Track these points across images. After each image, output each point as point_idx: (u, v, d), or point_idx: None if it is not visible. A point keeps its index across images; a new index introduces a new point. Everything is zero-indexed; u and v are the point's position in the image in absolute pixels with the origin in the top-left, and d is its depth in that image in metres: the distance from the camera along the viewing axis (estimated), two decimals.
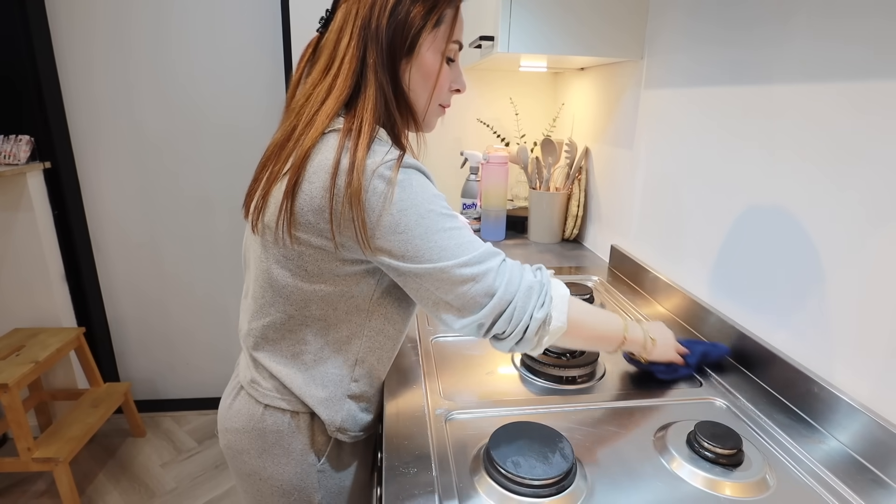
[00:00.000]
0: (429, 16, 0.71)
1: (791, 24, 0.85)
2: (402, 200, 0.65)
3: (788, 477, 0.69)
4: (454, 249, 0.67)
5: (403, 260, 0.66)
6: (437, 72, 0.75)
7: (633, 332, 0.81)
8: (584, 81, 1.76)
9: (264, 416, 0.80)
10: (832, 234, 0.78)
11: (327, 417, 0.79)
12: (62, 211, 2.10)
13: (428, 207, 0.67)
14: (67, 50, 2.00)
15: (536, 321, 0.68)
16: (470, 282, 0.67)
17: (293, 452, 0.80)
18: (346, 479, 0.86)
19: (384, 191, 0.65)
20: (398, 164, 0.66)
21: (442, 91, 0.79)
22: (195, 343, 2.44)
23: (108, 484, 2.02)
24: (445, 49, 0.75)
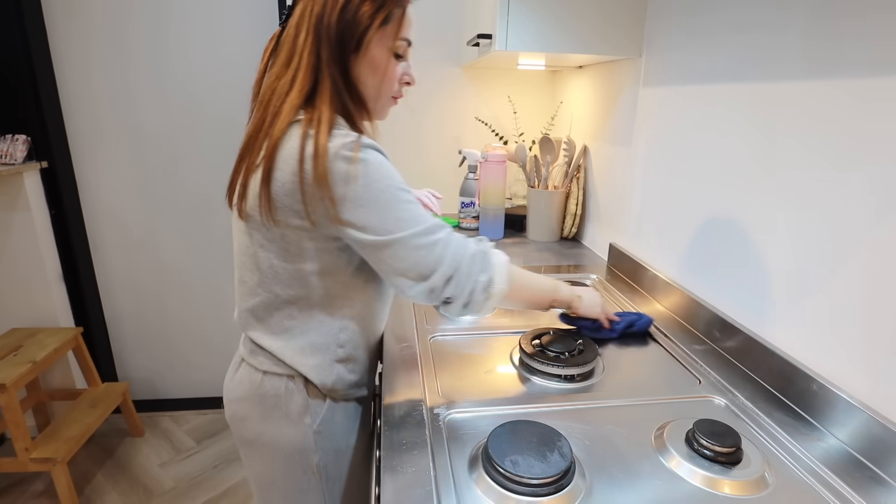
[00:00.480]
0: (376, 14, 0.77)
1: (790, 21, 0.84)
2: (364, 177, 0.73)
3: (787, 475, 0.69)
4: (409, 221, 0.75)
5: (365, 231, 0.74)
6: (384, 67, 0.82)
7: (562, 290, 0.95)
8: (582, 79, 1.75)
9: (263, 381, 0.87)
10: (831, 232, 0.78)
11: (318, 381, 0.87)
12: (59, 210, 2.10)
13: (386, 182, 0.75)
14: (64, 48, 1.99)
15: (481, 283, 0.77)
16: (423, 250, 0.75)
17: (291, 414, 0.87)
18: (342, 442, 0.92)
19: (346, 170, 0.72)
20: (357, 145, 0.73)
21: (390, 84, 0.85)
22: (194, 342, 2.44)
23: (107, 484, 2.01)
24: (393, 46, 0.81)
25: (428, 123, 2.03)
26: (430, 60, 1.96)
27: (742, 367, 0.94)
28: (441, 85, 1.99)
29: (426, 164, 2.07)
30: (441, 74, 1.98)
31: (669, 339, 1.05)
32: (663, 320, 1.14)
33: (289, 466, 0.89)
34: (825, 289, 0.79)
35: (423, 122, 2.03)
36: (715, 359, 0.98)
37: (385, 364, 0.95)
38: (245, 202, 0.78)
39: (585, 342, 0.97)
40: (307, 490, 0.91)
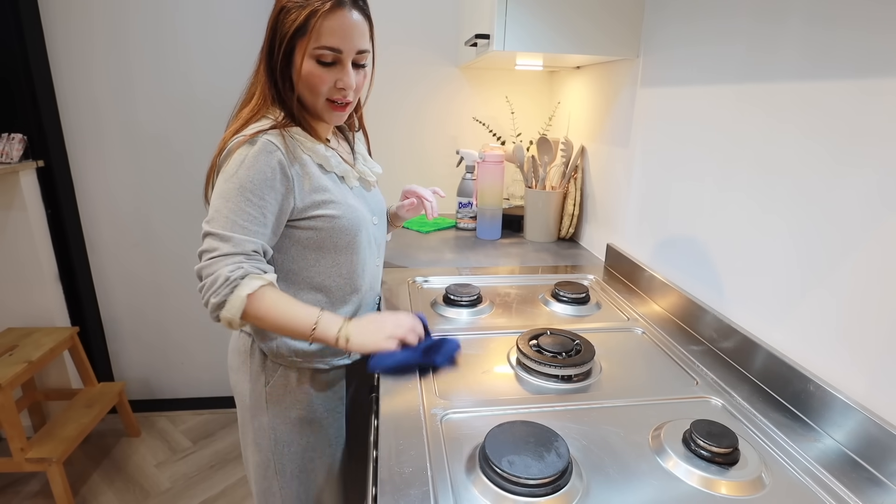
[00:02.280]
0: (292, 25, 0.85)
1: (787, 21, 0.84)
2: (228, 168, 0.86)
3: (784, 475, 0.69)
4: (221, 221, 0.84)
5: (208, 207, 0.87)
6: (306, 74, 0.89)
7: (324, 327, 0.87)
8: (580, 80, 1.75)
9: (239, 338, 1.04)
10: (828, 233, 0.78)
11: (263, 345, 0.99)
12: (56, 210, 2.09)
13: (235, 177, 0.85)
14: (61, 47, 1.98)
15: (212, 304, 0.83)
16: (204, 245, 0.85)
17: (252, 372, 1.01)
18: (293, 410, 1.02)
19: (224, 158, 0.87)
20: (245, 138, 0.86)
21: (316, 90, 0.91)
22: (190, 342, 2.43)
23: (103, 484, 2.01)
24: (309, 51, 0.87)
25: (425, 123, 2.03)
26: (427, 60, 1.96)
27: (739, 367, 0.95)
28: (439, 85, 1.99)
29: (424, 164, 2.07)
30: (438, 75, 1.98)
31: (667, 340, 1.05)
32: (660, 321, 1.14)
33: (249, 417, 1.03)
34: (822, 290, 0.80)
35: (421, 122, 2.02)
36: (712, 359, 0.98)
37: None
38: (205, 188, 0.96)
39: (583, 342, 0.97)
40: (260, 445, 1.03)
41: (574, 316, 1.18)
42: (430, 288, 1.31)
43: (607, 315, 1.19)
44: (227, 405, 2.50)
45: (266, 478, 1.04)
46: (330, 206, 0.94)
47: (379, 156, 2.02)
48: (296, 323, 0.87)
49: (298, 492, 1.06)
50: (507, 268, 1.48)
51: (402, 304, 1.20)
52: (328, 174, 0.96)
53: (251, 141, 0.86)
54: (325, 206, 0.93)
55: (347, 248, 0.98)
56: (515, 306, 1.22)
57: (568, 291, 1.22)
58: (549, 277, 1.41)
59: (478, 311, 1.17)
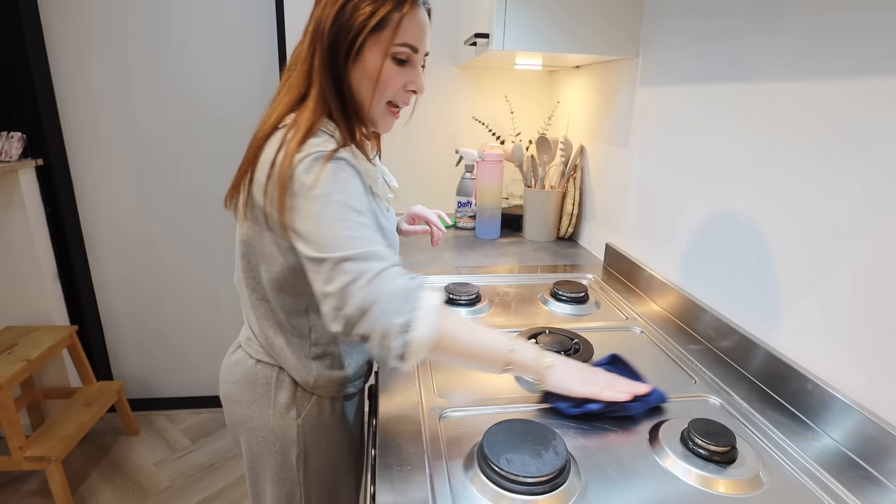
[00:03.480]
0: (370, 19, 0.76)
1: (786, 20, 0.85)
2: (317, 188, 0.71)
3: (782, 474, 0.69)
4: (346, 241, 0.69)
5: (304, 242, 0.71)
6: (378, 73, 0.79)
7: (521, 353, 0.75)
8: (579, 79, 1.75)
9: (256, 369, 0.90)
10: (827, 232, 0.78)
11: (300, 379, 0.89)
12: (55, 208, 2.09)
13: (336, 197, 0.71)
14: (60, 45, 1.98)
15: (396, 326, 0.66)
16: (348, 275, 0.67)
17: (278, 405, 0.89)
18: (324, 438, 0.93)
19: (303, 179, 0.71)
20: (326, 155, 0.73)
21: (386, 91, 0.82)
22: (189, 341, 2.43)
23: (102, 483, 2.00)
24: (388, 50, 0.78)
25: (425, 123, 2.03)
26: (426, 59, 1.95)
27: (737, 366, 0.95)
28: (438, 84, 1.99)
29: (423, 163, 2.07)
30: (438, 74, 1.98)
31: (665, 339, 1.06)
32: (659, 320, 1.14)
33: (270, 453, 0.92)
34: (820, 289, 0.80)
35: (420, 121, 2.02)
36: (710, 358, 0.98)
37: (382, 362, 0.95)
38: (236, 199, 0.81)
39: (582, 341, 0.97)
40: (284, 479, 0.93)
41: (573, 315, 1.18)
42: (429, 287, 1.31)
43: (606, 314, 1.19)
44: None
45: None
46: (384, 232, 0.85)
47: None
48: (487, 342, 0.75)
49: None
50: (506, 267, 1.48)
51: None
52: (374, 197, 0.86)
53: (333, 157, 0.74)
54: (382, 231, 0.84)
55: None
56: (514, 305, 1.22)
57: (567, 291, 1.22)
58: (547, 277, 1.41)
59: (477, 311, 1.17)
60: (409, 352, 0.67)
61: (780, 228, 0.87)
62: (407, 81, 0.84)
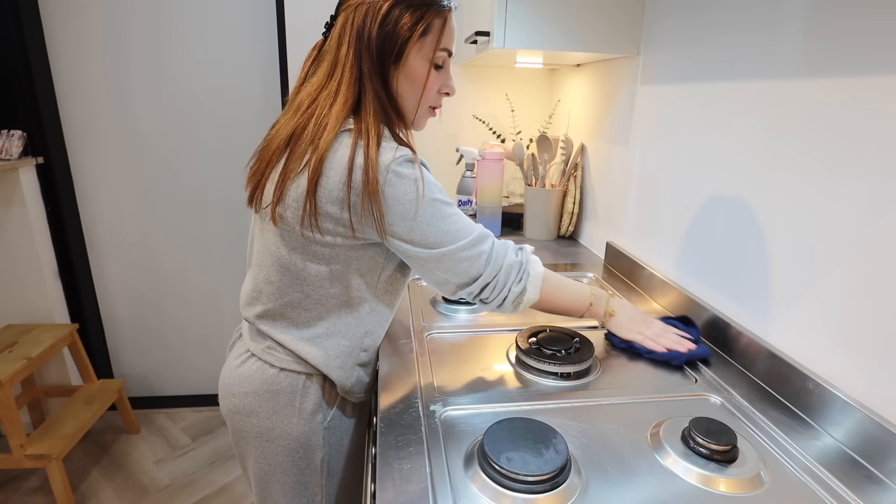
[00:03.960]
0: (416, 26, 0.79)
1: (788, 19, 0.84)
2: (413, 192, 0.76)
3: (783, 473, 0.69)
4: (455, 234, 0.79)
5: (414, 244, 0.78)
6: (424, 77, 0.83)
7: (597, 303, 0.96)
8: (580, 78, 1.75)
9: (279, 377, 0.88)
10: (828, 230, 0.78)
11: (340, 382, 0.90)
12: (55, 207, 2.09)
13: (433, 197, 0.78)
14: (60, 43, 1.98)
15: (514, 293, 0.83)
16: (466, 262, 0.80)
17: (304, 411, 0.89)
18: (345, 438, 0.96)
19: (398, 184, 0.76)
20: (407, 160, 0.77)
21: (430, 94, 0.86)
22: (189, 339, 2.43)
23: (102, 481, 2.01)
24: (433, 57, 0.82)
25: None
26: None
27: (738, 365, 0.95)
28: None
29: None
30: None
31: None
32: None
33: (292, 461, 0.91)
34: (821, 288, 0.80)
35: None
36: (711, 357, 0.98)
37: (381, 361, 0.95)
38: (282, 207, 0.79)
39: (582, 340, 0.97)
40: (307, 484, 0.93)
41: None
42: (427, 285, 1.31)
43: None
44: None
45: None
46: None
47: None
48: (575, 295, 0.94)
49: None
50: None
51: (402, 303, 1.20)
52: None
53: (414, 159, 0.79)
54: None
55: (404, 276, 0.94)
56: None
57: None
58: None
59: (477, 309, 1.17)
60: (520, 309, 0.86)
61: (782, 227, 0.87)
62: (442, 84, 0.88)
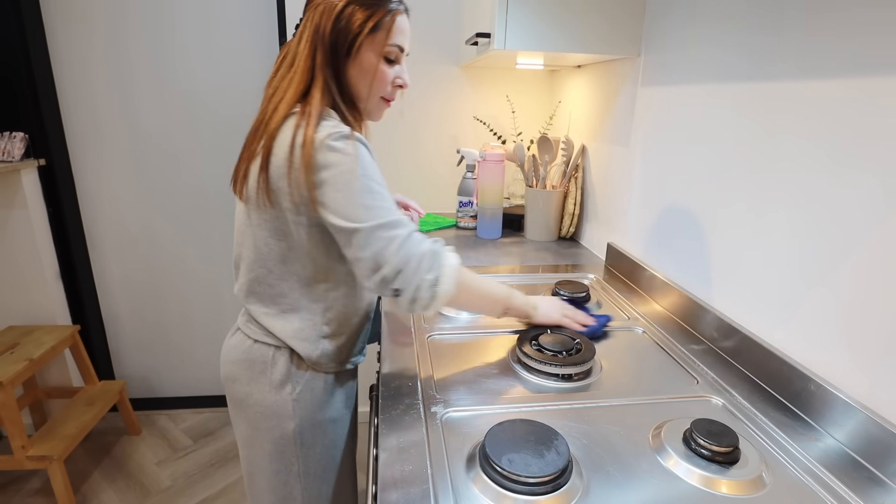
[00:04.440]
0: (366, 22, 0.86)
1: (789, 17, 0.84)
2: (342, 164, 0.81)
3: (785, 475, 0.69)
4: (375, 212, 0.81)
5: (337, 215, 0.81)
6: (374, 70, 0.90)
7: (515, 299, 0.98)
8: (580, 79, 1.75)
9: (253, 348, 0.96)
10: (830, 232, 0.78)
11: (304, 354, 0.95)
12: (57, 208, 2.09)
13: (362, 172, 0.82)
14: (63, 45, 1.98)
15: (427, 281, 0.82)
16: (381, 241, 0.81)
17: (274, 382, 0.96)
18: (319, 413, 0.99)
19: (329, 156, 0.80)
20: (342, 135, 0.81)
21: (380, 86, 0.93)
22: (191, 341, 2.43)
23: (104, 482, 2.01)
24: (383, 51, 0.90)
25: (426, 123, 2.03)
26: (428, 59, 1.96)
27: (740, 366, 0.94)
28: (439, 84, 1.99)
29: (424, 163, 2.07)
30: (439, 74, 1.98)
31: (667, 339, 1.05)
32: (661, 320, 1.14)
33: (268, 428, 0.98)
34: (823, 289, 0.79)
35: (422, 121, 2.02)
36: (712, 358, 0.98)
37: (382, 362, 0.95)
38: (246, 186, 0.88)
39: (583, 342, 0.97)
40: (283, 452, 0.99)
41: None
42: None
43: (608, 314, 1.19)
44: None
45: (287, 484, 1.01)
46: None
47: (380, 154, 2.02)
48: (492, 291, 0.95)
49: (321, 490, 1.04)
50: (508, 267, 1.48)
51: None
52: None
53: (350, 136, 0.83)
54: None
55: None
56: None
57: (568, 290, 1.22)
58: (549, 276, 1.41)
59: None
60: (435, 303, 0.84)
61: (784, 228, 0.87)
62: (395, 77, 0.95)
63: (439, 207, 2.11)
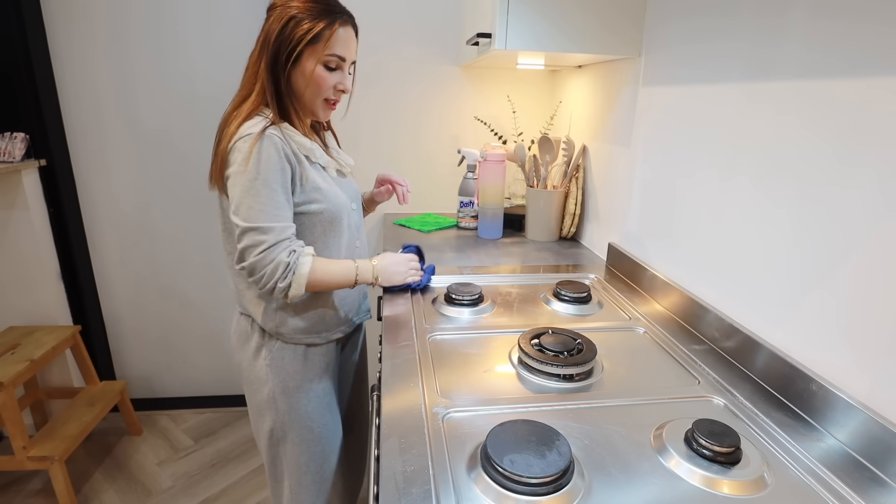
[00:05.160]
0: (306, 35, 0.99)
1: (791, 16, 0.84)
2: (243, 164, 0.95)
3: (786, 475, 0.69)
4: (254, 213, 0.95)
5: (231, 208, 0.97)
6: (311, 76, 1.03)
7: (361, 272, 1.09)
8: (581, 79, 1.75)
9: (239, 321, 1.17)
10: (831, 232, 0.78)
11: (262, 323, 1.11)
12: (58, 208, 2.09)
13: (255, 174, 0.95)
14: (63, 46, 1.99)
15: (280, 288, 0.98)
16: (246, 240, 0.96)
17: (251, 349, 1.14)
18: (290, 381, 1.13)
19: (234, 155, 0.97)
20: (255, 136, 0.96)
21: (319, 90, 1.05)
22: (192, 341, 2.44)
23: (105, 482, 2.01)
24: (321, 59, 1.02)
25: (427, 123, 2.03)
26: (428, 60, 1.96)
27: (741, 367, 0.94)
28: (440, 84, 1.99)
29: (425, 163, 2.07)
30: (440, 74, 1.98)
31: (668, 339, 1.05)
32: (662, 320, 1.14)
33: (251, 393, 1.15)
34: (825, 289, 0.79)
35: (422, 121, 2.02)
36: (714, 359, 0.98)
37: (384, 363, 0.95)
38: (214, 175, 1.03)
39: (585, 341, 0.97)
40: (262, 416, 1.15)
41: (576, 315, 1.18)
42: (431, 287, 1.31)
43: (609, 314, 1.19)
44: (229, 404, 2.51)
45: (272, 445, 1.16)
46: (320, 194, 1.06)
47: (381, 154, 2.03)
48: (343, 278, 1.06)
49: (300, 459, 1.16)
50: (509, 267, 1.48)
51: (404, 302, 1.20)
52: (313, 165, 1.08)
53: (260, 136, 0.96)
54: (317, 192, 1.06)
55: (334, 232, 1.11)
56: (517, 305, 1.22)
57: (569, 291, 1.22)
58: (550, 277, 1.41)
59: (479, 311, 1.17)
60: (285, 300, 1.02)
61: (784, 228, 0.87)
62: (337, 83, 1.06)
63: (440, 208, 2.11)
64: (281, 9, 1.00)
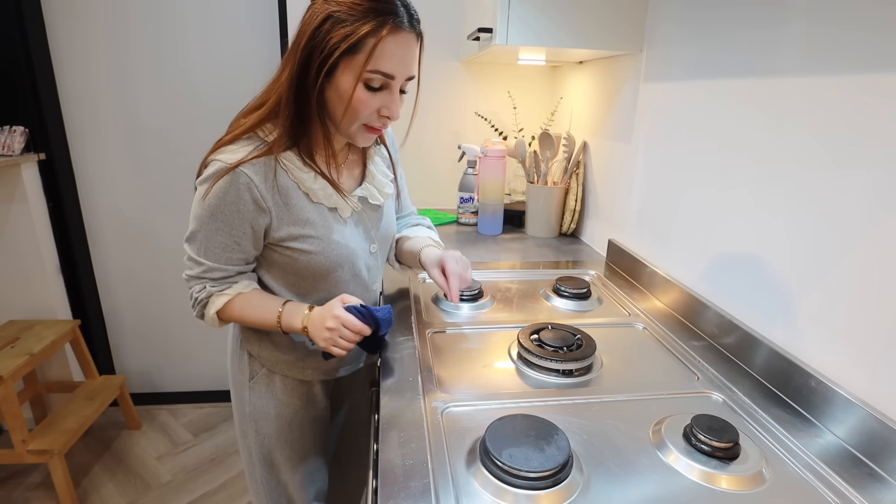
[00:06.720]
0: (343, 41, 0.75)
1: (791, 15, 0.84)
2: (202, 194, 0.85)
3: (784, 470, 0.69)
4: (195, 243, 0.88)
5: None
6: (349, 94, 0.79)
7: (287, 319, 0.90)
8: (582, 75, 1.75)
9: (232, 336, 1.08)
10: (831, 228, 0.78)
11: (250, 348, 1.03)
12: (57, 202, 2.09)
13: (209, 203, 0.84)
14: (63, 39, 1.98)
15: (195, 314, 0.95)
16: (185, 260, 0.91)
17: (241, 364, 1.05)
18: (272, 408, 1.05)
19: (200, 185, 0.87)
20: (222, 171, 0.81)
21: (356, 114, 0.82)
22: (191, 336, 2.44)
23: (104, 476, 2.01)
24: (361, 75, 0.78)
25: (427, 118, 2.02)
26: (429, 54, 1.93)
27: (740, 363, 0.95)
28: (441, 79, 1.99)
29: (425, 159, 2.07)
30: (441, 69, 1.97)
31: (668, 335, 1.05)
32: (661, 316, 1.14)
33: (237, 405, 1.08)
34: (823, 285, 0.79)
35: (423, 116, 2.02)
36: (713, 355, 0.98)
37: (384, 358, 0.95)
38: None
39: (584, 337, 0.97)
40: (246, 432, 1.08)
41: (575, 311, 1.18)
42: (432, 283, 1.31)
43: (608, 310, 1.19)
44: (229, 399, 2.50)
45: (251, 461, 1.11)
46: (308, 241, 0.89)
47: None
48: (263, 321, 0.92)
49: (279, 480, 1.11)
50: (509, 263, 1.48)
51: (404, 299, 1.20)
52: (316, 205, 0.90)
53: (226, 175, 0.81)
54: (304, 240, 0.89)
55: (325, 280, 0.95)
56: (516, 301, 1.22)
57: (569, 286, 1.22)
58: (550, 273, 1.41)
59: (479, 306, 1.18)
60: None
61: (785, 224, 0.87)
62: (381, 107, 0.83)
63: (440, 203, 2.11)
64: (322, 1, 0.77)
